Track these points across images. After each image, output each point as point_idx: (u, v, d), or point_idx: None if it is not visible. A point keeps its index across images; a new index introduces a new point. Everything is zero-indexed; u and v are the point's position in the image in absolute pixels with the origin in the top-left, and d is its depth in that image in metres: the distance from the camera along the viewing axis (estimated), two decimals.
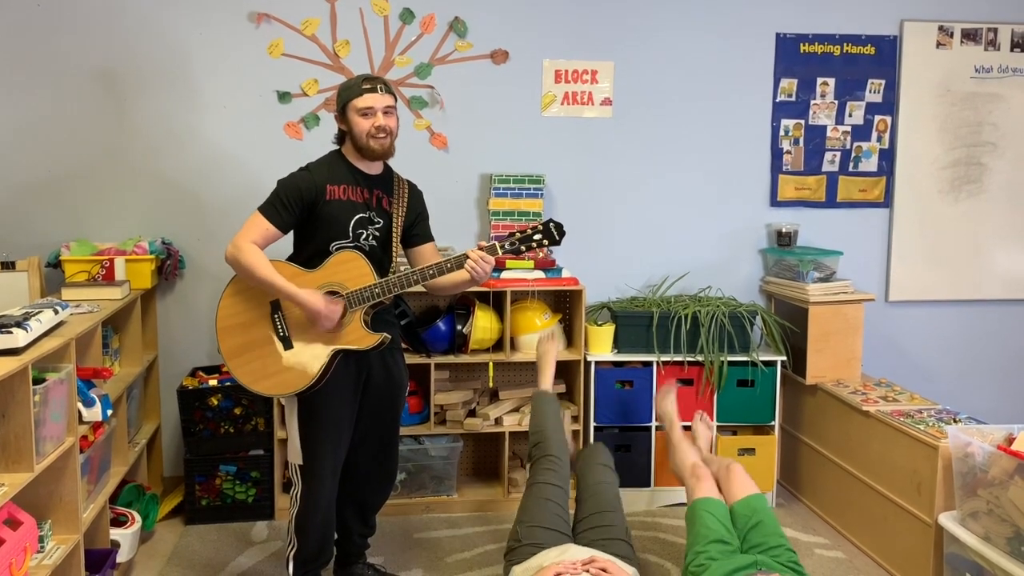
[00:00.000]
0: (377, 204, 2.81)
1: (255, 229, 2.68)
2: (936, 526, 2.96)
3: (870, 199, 4.28)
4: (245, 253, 2.65)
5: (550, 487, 2.80)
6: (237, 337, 2.75)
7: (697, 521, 2.67)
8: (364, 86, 2.71)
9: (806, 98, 4.19)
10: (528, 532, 2.62)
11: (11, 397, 2.30)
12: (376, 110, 2.70)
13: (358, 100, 2.70)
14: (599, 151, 4.10)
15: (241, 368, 2.74)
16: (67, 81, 3.73)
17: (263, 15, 3.81)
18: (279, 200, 2.69)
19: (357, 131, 2.72)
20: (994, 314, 4.43)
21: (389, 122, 2.74)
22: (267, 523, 3.65)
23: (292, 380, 2.71)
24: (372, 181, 2.81)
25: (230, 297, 2.77)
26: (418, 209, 2.93)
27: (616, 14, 4.03)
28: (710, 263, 4.21)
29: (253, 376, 2.74)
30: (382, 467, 3.01)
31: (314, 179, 2.72)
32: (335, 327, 2.69)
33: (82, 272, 3.44)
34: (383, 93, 2.72)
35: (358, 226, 2.76)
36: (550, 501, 2.74)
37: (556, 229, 2.73)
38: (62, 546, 2.55)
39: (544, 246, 2.74)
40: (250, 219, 2.70)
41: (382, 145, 2.74)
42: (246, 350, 2.74)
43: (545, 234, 2.73)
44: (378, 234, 2.80)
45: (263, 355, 2.73)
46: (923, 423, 3.19)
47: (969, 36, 4.24)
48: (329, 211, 2.72)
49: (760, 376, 3.83)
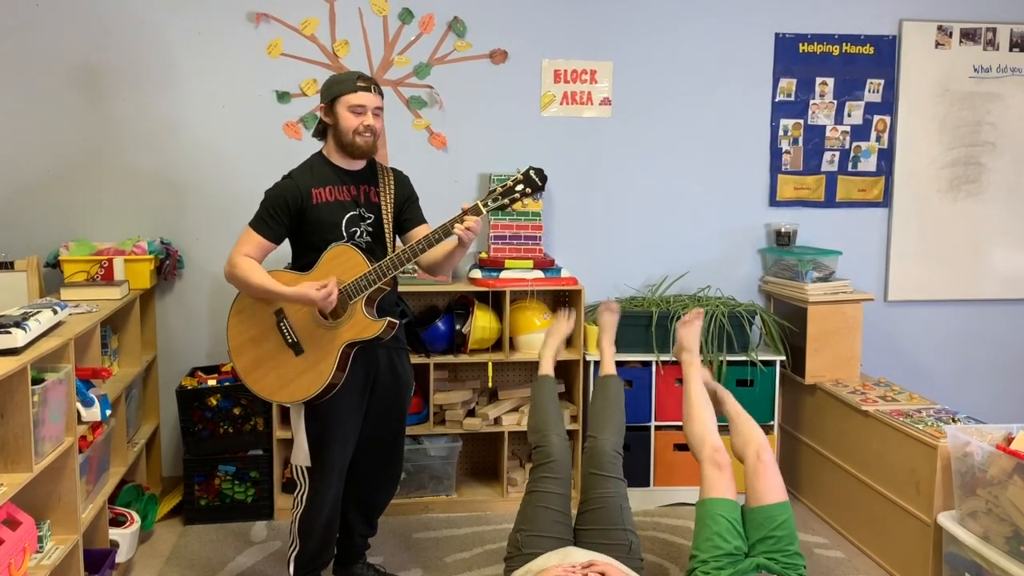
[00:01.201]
0: (365, 199, 2.80)
1: (247, 244, 2.71)
2: (935, 525, 2.96)
3: (869, 199, 4.28)
4: (238, 266, 2.68)
5: (550, 495, 2.72)
6: (249, 353, 2.76)
7: (709, 525, 2.51)
8: (359, 83, 2.71)
9: (805, 98, 4.19)
10: (528, 541, 2.59)
11: (10, 397, 2.30)
12: (367, 108, 2.70)
13: (351, 96, 2.69)
14: (598, 151, 4.10)
15: (259, 382, 2.75)
16: (66, 81, 3.73)
17: (262, 15, 3.81)
18: (266, 212, 2.71)
19: (344, 126, 2.71)
20: (993, 314, 4.43)
21: (377, 123, 2.74)
22: (266, 523, 3.65)
23: (309, 383, 2.70)
24: (356, 177, 2.81)
25: (236, 316, 2.79)
26: (406, 194, 2.91)
27: (615, 14, 4.03)
28: (709, 263, 4.21)
29: (272, 387, 2.74)
30: (387, 468, 3.01)
31: (298, 185, 2.72)
32: (339, 320, 2.69)
33: (81, 272, 3.44)
34: (375, 93, 2.73)
35: (351, 224, 2.76)
36: (550, 509, 2.68)
37: (537, 175, 2.63)
38: (61, 546, 2.55)
39: (528, 195, 2.63)
40: (242, 235, 2.73)
41: (366, 142, 2.73)
42: (260, 364, 2.75)
43: (527, 183, 2.62)
44: (371, 228, 2.80)
45: (277, 365, 2.73)
46: (922, 423, 3.19)
47: (968, 36, 4.24)
48: (319, 215, 2.73)
49: (759, 376, 3.84)
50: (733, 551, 2.45)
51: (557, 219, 4.09)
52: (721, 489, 2.61)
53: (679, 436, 3.84)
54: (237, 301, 2.79)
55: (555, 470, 2.79)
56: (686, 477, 3.85)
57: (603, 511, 2.69)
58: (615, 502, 2.71)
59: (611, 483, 2.77)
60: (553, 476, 2.77)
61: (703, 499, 2.61)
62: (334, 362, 2.68)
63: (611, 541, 2.58)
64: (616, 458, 2.85)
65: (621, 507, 2.71)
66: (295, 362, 2.72)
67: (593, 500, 2.74)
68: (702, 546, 2.47)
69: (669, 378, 3.82)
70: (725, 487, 2.62)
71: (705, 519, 2.54)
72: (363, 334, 2.69)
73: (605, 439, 2.89)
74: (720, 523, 2.50)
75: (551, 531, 2.62)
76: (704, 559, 2.43)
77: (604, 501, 2.72)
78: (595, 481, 2.77)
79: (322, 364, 2.70)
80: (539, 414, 3.05)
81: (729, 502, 2.57)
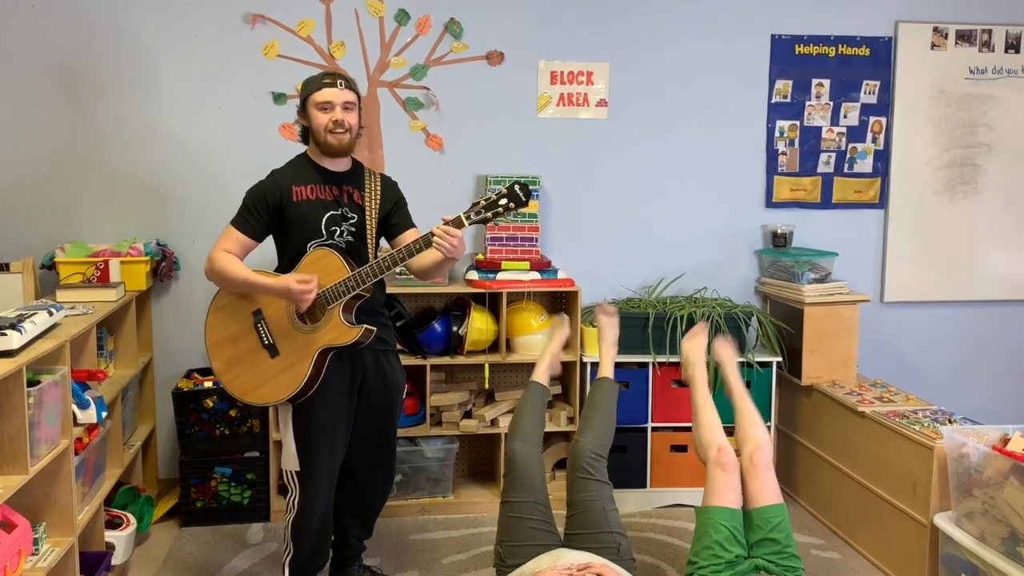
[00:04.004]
0: (348, 200, 2.80)
1: (227, 240, 2.73)
2: (931, 526, 2.96)
3: (865, 200, 4.29)
4: (217, 261, 2.70)
5: (517, 504, 2.68)
6: (226, 351, 2.77)
7: (710, 533, 2.48)
8: (324, 80, 2.71)
9: (801, 99, 4.19)
10: (510, 551, 2.57)
11: (5, 399, 2.30)
12: (334, 105, 2.69)
13: (317, 94, 2.70)
14: (594, 152, 4.10)
15: (233, 381, 2.76)
16: (61, 82, 3.72)
17: (258, 16, 3.80)
18: (246, 209, 2.74)
19: (316, 125, 2.71)
20: (989, 314, 4.44)
21: (348, 117, 2.71)
22: (262, 525, 3.65)
23: (282, 386, 2.70)
24: (340, 178, 2.81)
25: (214, 313, 2.80)
26: (394, 199, 2.89)
27: (611, 15, 4.03)
28: (706, 264, 4.22)
29: (245, 388, 2.75)
30: (378, 471, 3.00)
31: (278, 183, 2.74)
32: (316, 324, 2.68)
33: (77, 274, 3.44)
34: (342, 88, 2.71)
35: (331, 223, 2.76)
36: (521, 518, 2.64)
37: (521, 190, 2.59)
38: (57, 549, 2.54)
39: (511, 210, 2.60)
40: (223, 232, 2.75)
41: (339, 140, 2.72)
42: (235, 363, 2.76)
43: (511, 197, 2.59)
44: (354, 229, 2.79)
45: (252, 365, 2.74)
46: (918, 424, 3.20)
47: (964, 37, 4.25)
48: (298, 212, 2.73)
49: (756, 377, 3.84)
50: (733, 559, 2.44)
51: (554, 220, 4.09)
52: (724, 493, 2.59)
53: (676, 437, 3.85)
54: (216, 298, 2.80)
55: (517, 476, 2.75)
56: (683, 478, 3.85)
57: (587, 514, 2.68)
58: (598, 504, 2.69)
59: (592, 486, 2.74)
60: (517, 483, 2.74)
61: (705, 506, 2.59)
62: (309, 366, 2.68)
63: (599, 544, 2.56)
64: (597, 460, 2.82)
65: (605, 509, 2.68)
66: (270, 363, 2.72)
67: (577, 504, 2.73)
68: (702, 554, 2.45)
69: (666, 379, 3.82)
70: (729, 490, 2.59)
71: (706, 527, 2.51)
72: (339, 340, 2.68)
73: (585, 442, 2.86)
74: (721, 532, 2.48)
75: (530, 539, 2.59)
76: (703, 566, 2.42)
77: (587, 504, 2.70)
78: (577, 484, 2.76)
79: (297, 367, 2.69)
80: (513, 420, 3.04)
81: (730, 510, 2.55)
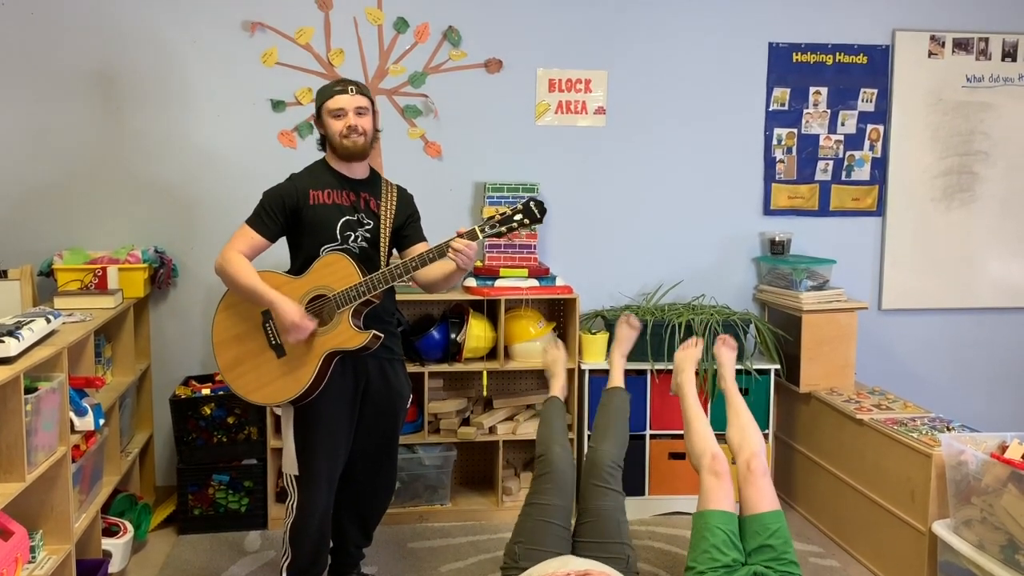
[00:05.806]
0: (365, 206, 2.82)
1: (241, 239, 2.73)
2: (930, 534, 2.96)
3: (863, 208, 4.29)
4: (230, 263, 2.69)
5: (551, 507, 2.68)
6: (232, 349, 2.77)
7: (707, 537, 2.48)
8: (336, 88, 2.76)
9: (799, 107, 4.20)
10: (526, 553, 2.55)
11: (3, 406, 2.30)
12: (347, 111, 2.73)
13: (330, 102, 2.75)
14: (593, 160, 4.10)
15: (238, 380, 2.76)
16: (60, 89, 3.73)
17: (257, 24, 3.81)
18: (263, 210, 2.75)
19: (331, 132, 2.76)
20: (987, 322, 4.44)
21: (361, 122, 2.75)
22: (260, 533, 3.63)
23: (287, 387, 2.71)
24: (358, 184, 2.83)
25: (224, 311, 2.80)
26: (408, 211, 2.92)
27: (610, 23, 4.05)
28: (704, 271, 4.22)
29: (249, 387, 2.75)
30: (379, 478, 3.00)
31: (296, 186, 2.77)
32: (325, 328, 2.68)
33: (75, 281, 3.43)
34: (354, 94, 2.75)
35: (346, 228, 2.77)
36: (551, 523, 2.64)
37: (537, 207, 2.64)
38: (54, 556, 2.54)
39: (526, 226, 2.65)
40: (237, 231, 2.75)
41: (355, 143, 2.75)
42: (241, 362, 2.76)
43: (526, 214, 2.64)
44: (368, 235, 2.81)
45: (257, 365, 2.74)
46: (916, 431, 3.20)
47: (961, 45, 4.26)
48: (314, 215, 2.74)
49: (754, 384, 3.84)
50: (730, 563, 2.43)
51: (552, 228, 4.09)
52: (719, 499, 2.59)
53: (674, 445, 3.84)
54: (227, 296, 2.80)
55: (555, 480, 2.77)
56: (682, 486, 3.84)
57: (600, 523, 2.68)
58: (612, 514, 2.70)
59: (609, 495, 2.76)
60: (552, 487, 2.75)
61: (701, 511, 2.60)
62: (314, 369, 2.68)
63: (609, 554, 2.56)
64: (615, 470, 2.85)
65: (618, 520, 2.69)
66: (276, 364, 2.73)
67: (590, 511, 2.73)
68: (699, 558, 2.45)
69: (664, 387, 3.81)
70: (723, 496, 2.60)
71: (702, 531, 2.52)
72: (347, 344, 2.69)
73: (604, 450, 2.90)
74: (717, 535, 2.48)
75: (551, 545, 2.58)
76: (701, 570, 2.42)
77: (600, 513, 2.71)
78: (594, 492, 2.77)
79: (302, 369, 2.70)
80: (543, 427, 3.09)
81: (726, 514, 2.55)
